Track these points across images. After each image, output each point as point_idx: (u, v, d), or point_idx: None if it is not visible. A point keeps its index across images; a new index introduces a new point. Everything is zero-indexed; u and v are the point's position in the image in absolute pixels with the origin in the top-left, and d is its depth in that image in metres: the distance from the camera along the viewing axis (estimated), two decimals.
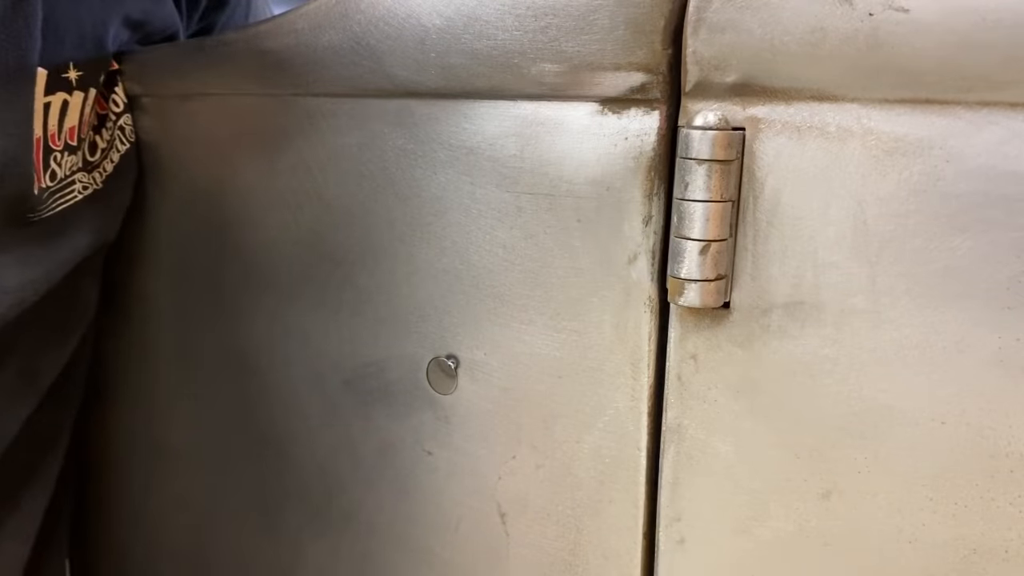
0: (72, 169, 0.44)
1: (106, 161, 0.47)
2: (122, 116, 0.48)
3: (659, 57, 0.34)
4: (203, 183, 0.48)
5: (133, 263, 0.52)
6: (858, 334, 0.32)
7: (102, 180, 0.47)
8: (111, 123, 0.47)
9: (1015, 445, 0.31)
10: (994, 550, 0.32)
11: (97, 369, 0.55)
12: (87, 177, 0.45)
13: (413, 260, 0.41)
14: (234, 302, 0.48)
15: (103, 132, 0.47)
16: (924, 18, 0.29)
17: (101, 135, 0.47)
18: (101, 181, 0.47)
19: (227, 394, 0.50)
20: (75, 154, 0.44)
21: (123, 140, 0.48)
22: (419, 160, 0.40)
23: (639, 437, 0.37)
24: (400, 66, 0.39)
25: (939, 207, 0.30)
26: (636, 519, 0.38)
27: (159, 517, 0.56)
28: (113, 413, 0.56)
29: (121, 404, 0.56)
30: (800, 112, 0.32)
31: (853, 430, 0.33)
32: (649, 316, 0.36)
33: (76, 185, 0.44)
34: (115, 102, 0.48)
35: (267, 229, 0.46)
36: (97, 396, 0.56)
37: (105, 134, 0.47)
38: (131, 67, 0.48)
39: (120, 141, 0.48)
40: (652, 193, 0.35)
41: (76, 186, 0.44)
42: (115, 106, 0.47)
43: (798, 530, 0.35)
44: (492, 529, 0.42)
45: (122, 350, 0.55)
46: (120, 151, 0.48)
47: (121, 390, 0.55)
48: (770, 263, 0.33)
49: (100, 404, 0.56)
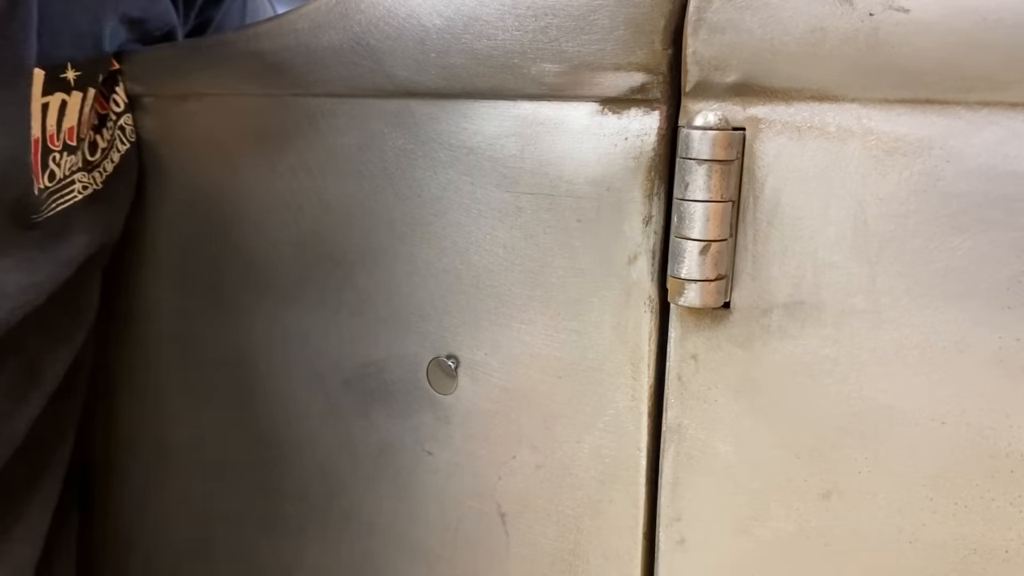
0: (71, 169, 0.44)
1: (106, 161, 0.47)
2: (123, 116, 0.48)
3: (659, 57, 0.34)
4: (203, 183, 0.48)
5: (133, 264, 0.52)
6: (858, 334, 0.32)
7: (102, 180, 0.47)
8: (111, 123, 0.47)
9: (1015, 445, 0.31)
10: (994, 550, 0.32)
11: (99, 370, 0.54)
12: (87, 177, 0.45)
13: (413, 260, 0.41)
14: (234, 302, 0.48)
15: (103, 132, 0.47)
16: (924, 18, 0.29)
17: (101, 135, 0.47)
18: (101, 181, 0.47)
19: (227, 394, 0.50)
20: (74, 154, 0.44)
21: (123, 140, 0.48)
22: (419, 160, 0.40)
23: (639, 437, 0.37)
24: (400, 66, 0.39)
25: (939, 207, 0.30)
26: (636, 519, 0.38)
27: (160, 517, 0.56)
28: (114, 413, 0.56)
29: (122, 404, 0.56)
30: (800, 112, 0.32)
31: (853, 430, 0.33)
32: (649, 316, 0.36)
33: (76, 185, 0.44)
34: (116, 102, 0.48)
35: (267, 229, 0.46)
36: (98, 396, 0.56)
37: (105, 134, 0.47)
38: (132, 67, 0.48)
39: (120, 141, 0.48)
40: (652, 193, 0.35)
41: (76, 186, 0.44)
42: (116, 106, 0.47)
43: (798, 530, 0.35)
44: (492, 529, 0.42)
45: (123, 351, 0.55)
46: (120, 151, 0.48)
47: (122, 391, 0.55)
48: (770, 263, 0.33)
49: (101, 404, 0.56)
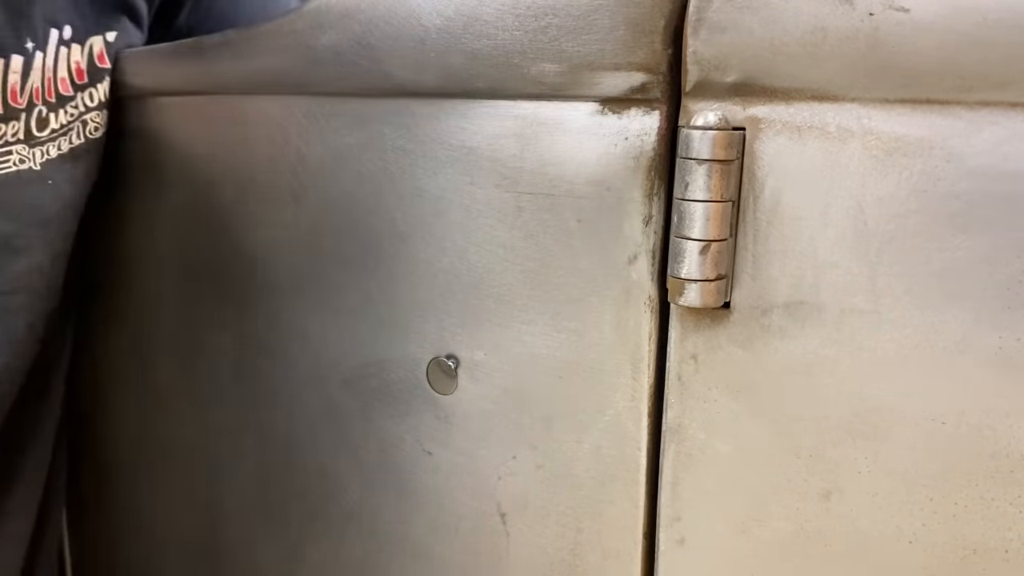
0: (11, 139, 0.43)
1: (50, 144, 0.46)
2: (91, 112, 0.47)
3: (659, 57, 0.34)
4: (203, 183, 0.48)
5: (133, 263, 0.52)
6: (858, 334, 0.32)
7: (41, 162, 0.46)
8: (74, 109, 0.47)
9: (1015, 445, 0.30)
10: (994, 550, 0.32)
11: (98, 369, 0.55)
12: (27, 151, 0.45)
13: (413, 260, 0.41)
14: (234, 302, 0.48)
15: (59, 112, 0.46)
16: (925, 18, 0.29)
17: (56, 114, 0.46)
18: (40, 162, 0.46)
19: (227, 394, 0.50)
20: (16, 121, 0.43)
21: (81, 134, 0.47)
22: (419, 160, 0.40)
23: (639, 437, 0.37)
24: (400, 66, 0.39)
25: (939, 207, 0.30)
26: (636, 519, 0.38)
27: (160, 517, 0.56)
28: (114, 413, 0.56)
29: (122, 404, 0.56)
30: (800, 112, 0.32)
31: (853, 430, 0.33)
32: (649, 316, 0.36)
33: (13, 156, 0.44)
34: (90, 95, 0.47)
35: (267, 229, 0.46)
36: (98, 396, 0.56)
37: (62, 115, 0.47)
38: (131, 66, 0.48)
39: (78, 134, 0.47)
40: (652, 193, 0.35)
41: (13, 157, 0.44)
42: (88, 99, 0.47)
43: (798, 530, 0.35)
44: (492, 529, 0.42)
45: (123, 350, 0.55)
46: (73, 144, 0.47)
47: (122, 390, 0.55)
48: (770, 263, 0.33)
49: (101, 404, 0.56)
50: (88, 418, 0.58)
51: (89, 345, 0.56)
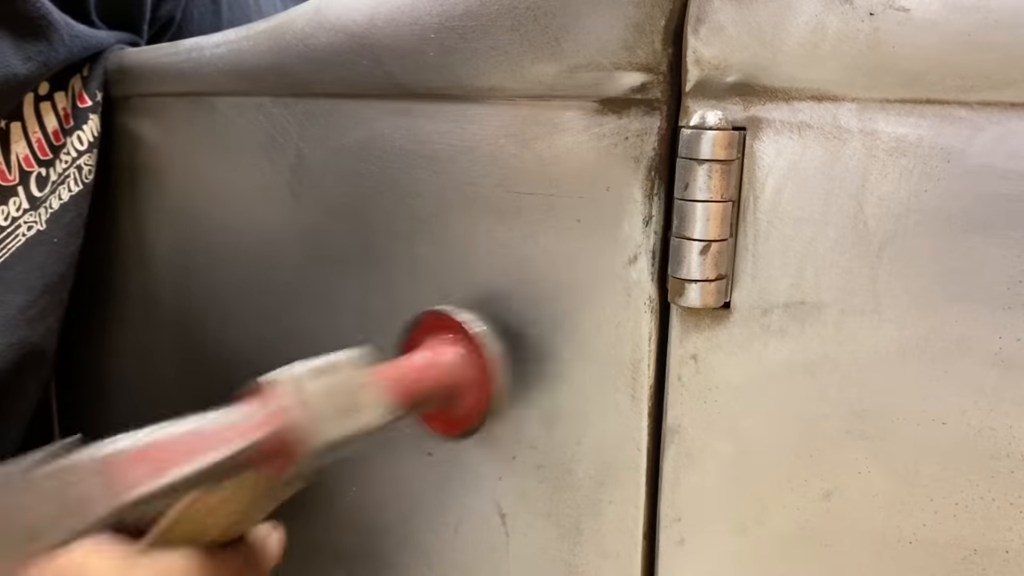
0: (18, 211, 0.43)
1: (53, 197, 0.46)
2: (83, 155, 0.47)
3: (659, 57, 0.34)
4: (202, 183, 0.48)
5: (132, 263, 0.52)
6: (858, 334, 0.32)
7: (47, 219, 0.45)
8: (68, 157, 0.46)
9: (1015, 445, 0.30)
10: (994, 550, 0.32)
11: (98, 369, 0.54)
12: (33, 216, 0.44)
13: (413, 260, 0.41)
14: (234, 302, 0.48)
15: (56, 164, 0.46)
16: (925, 17, 0.29)
17: (54, 167, 0.45)
18: (45, 220, 0.45)
19: (227, 394, 0.50)
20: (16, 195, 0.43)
21: (78, 180, 0.46)
22: (419, 160, 0.40)
23: (639, 437, 0.37)
24: (400, 66, 0.39)
25: (939, 207, 0.30)
26: (636, 519, 0.38)
27: None
28: (113, 414, 0.56)
29: (121, 405, 0.56)
30: (800, 112, 0.32)
31: (853, 430, 0.33)
32: (649, 316, 0.36)
33: (21, 228, 0.44)
34: (79, 139, 0.46)
35: (267, 229, 0.46)
36: (97, 396, 0.56)
37: (58, 166, 0.46)
38: (130, 67, 0.48)
39: (75, 180, 0.46)
40: (652, 193, 0.35)
41: (21, 228, 0.44)
42: (78, 143, 0.46)
43: (798, 530, 0.35)
44: (492, 529, 0.42)
45: (122, 351, 0.55)
46: (73, 191, 0.46)
47: (121, 390, 0.55)
48: (770, 263, 0.33)
49: (101, 404, 0.56)
50: (88, 418, 0.58)
51: (89, 345, 0.56)
